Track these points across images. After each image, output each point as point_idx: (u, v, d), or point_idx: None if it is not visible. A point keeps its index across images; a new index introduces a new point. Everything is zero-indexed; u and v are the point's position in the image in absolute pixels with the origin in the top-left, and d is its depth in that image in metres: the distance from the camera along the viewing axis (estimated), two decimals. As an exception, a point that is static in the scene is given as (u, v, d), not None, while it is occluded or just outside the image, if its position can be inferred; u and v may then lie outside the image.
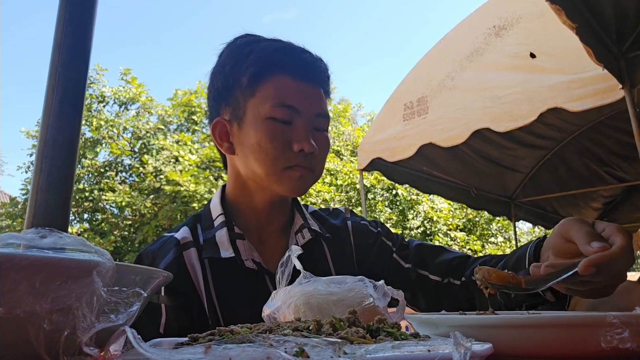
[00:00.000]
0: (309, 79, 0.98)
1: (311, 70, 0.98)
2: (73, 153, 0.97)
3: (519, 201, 5.80)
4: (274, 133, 0.92)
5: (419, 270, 1.05)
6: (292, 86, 0.95)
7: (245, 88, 0.95)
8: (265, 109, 0.93)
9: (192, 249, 0.96)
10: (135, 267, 0.40)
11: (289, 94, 0.94)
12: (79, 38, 1.01)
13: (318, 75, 1.00)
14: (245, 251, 0.96)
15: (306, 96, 0.96)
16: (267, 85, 0.94)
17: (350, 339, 0.39)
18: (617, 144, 5.08)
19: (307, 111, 0.95)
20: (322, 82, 1.01)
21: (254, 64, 0.94)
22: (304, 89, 0.96)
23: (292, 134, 0.93)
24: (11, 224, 11.75)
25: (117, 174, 12.62)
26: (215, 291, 0.93)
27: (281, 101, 0.93)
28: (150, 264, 0.95)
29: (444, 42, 4.05)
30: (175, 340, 0.45)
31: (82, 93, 1.00)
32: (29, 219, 0.92)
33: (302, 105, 0.95)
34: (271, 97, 0.93)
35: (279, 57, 0.96)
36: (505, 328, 0.45)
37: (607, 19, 2.57)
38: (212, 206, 1.04)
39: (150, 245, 1.01)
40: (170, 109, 13.16)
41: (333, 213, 1.18)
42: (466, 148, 4.23)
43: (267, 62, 0.95)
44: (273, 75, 0.94)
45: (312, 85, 0.98)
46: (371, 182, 11.76)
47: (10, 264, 0.30)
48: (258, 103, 0.94)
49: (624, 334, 0.40)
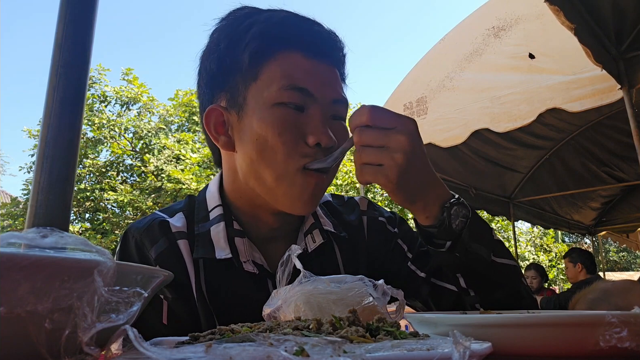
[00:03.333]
0: (324, 57, 0.80)
1: (326, 45, 0.81)
2: (74, 153, 0.97)
3: (517, 201, 5.80)
4: (283, 123, 0.75)
5: (435, 281, 0.87)
6: (305, 64, 0.77)
7: (246, 69, 0.78)
8: (271, 94, 0.75)
9: (185, 241, 0.83)
10: (136, 266, 0.40)
11: (301, 73, 0.77)
12: (80, 38, 1.01)
13: (334, 52, 0.83)
14: (246, 251, 0.82)
15: (322, 77, 0.79)
16: (273, 64, 0.77)
17: (350, 338, 0.39)
18: (615, 144, 5.09)
19: (324, 96, 0.78)
20: (339, 61, 0.84)
21: (256, 39, 0.77)
22: (318, 68, 0.79)
23: (306, 123, 0.76)
24: (13, 224, 11.75)
25: (119, 173, 12.62)
26: (208, 296, 0.80)
27: (291, 82, 0.76)
28: (137, 244, 0.83)
29: (443, 42, 4.05)
30: (175, 339, 0.45)
31: (82, 93, 1.00)
32: (30, 218, 0.92)
33: (317, 88, 0.77)
34: (279, 79, 0.76)
35: (286, 29, 0.78)
36: (504, 327, 0.46)
37: (605, 19, 2.57)
38: (209, 195, 0.88)
39: (138, 222, 0.87)
40: (171, 109, 13.17)
41: (348, 204, 1.02)
42: (465, 148, 4.24)
43: (272, 36, 0.77)
44: (280, 52, 0.77)
45: (328, 65, 0.81)
46: (371, 182, 11.74)
47: (11, 263, 0.30)
48: (262, 87, 0.76)
49: (622, 333, 0.41)
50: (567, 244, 17.61)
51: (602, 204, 7.08)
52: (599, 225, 7.56)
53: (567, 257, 4.91)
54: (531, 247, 15.52)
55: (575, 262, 4.71)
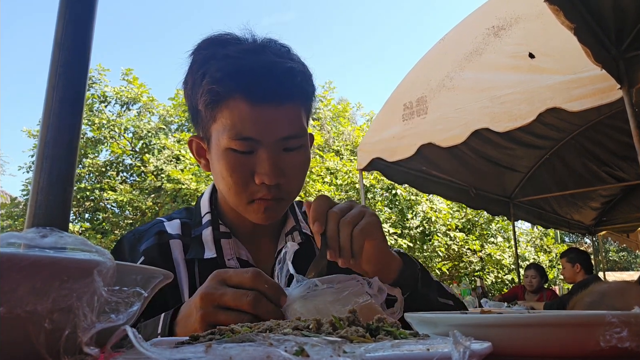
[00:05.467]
0: (272, 99, 0.85)
1: (276, 88, 0.85)
2: (73, 153, 0.97)
3: (517, 201, 5.81)
4: (233, 166, 0.85)
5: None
6: (249, 113, 0.83)
7: (205, 112, 0.87)
8: (224, 140, 0.85)
9: (177, 241, 0.94)
10: (136, 266, 0.40)
11: (246, 123, 0.84)
12: (79, 38, 1.01)
13: (286, 92, 0.86)
14: (231, 249, 0.94)
15: (267, 122, 0.85)
16: (225, 111, 0.85)
17: (349, 338, 0.39)
18: (615, 143, 5.09)
19: (270, 138, 0.85)
20: (293, 97, 0.88)
21: (209, 90, 0.85)
22: (264, 114, 0.84)
23: (254, 164, 0.85)
24: (13, 224, 11.76)
25: (118, 173, 12.62)
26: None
27: (238, 133, 0.84)
28: (130, 241, 0.95)
29: (443, 42, 4.06)
30: (175, 339, 0.45)
31: (82, 93, 1.00)
32: (29, 218, 0.93)
33: (262, 134, 0.84)
34: (228, 128, 0.84)
35: (233, 78, 0.84)
36: (504, 327, 0.46)
37: (605, 19, 2.57)
38: (202, 202, 1.01)
39: (141, 226, 1.00)
40: (171, 109, 13.16)
41: None
42: (465, 148, 4.24)
43: (221, 86, 0.84)
44: (228, 100, 0.84)
45: (277, 106, 0.85)
46: (371, 181, 11.76)
47: (11, 263, 0.30)
48: (219, 129, 0.86)
49: (622, 333, 0.41)
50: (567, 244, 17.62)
51: (602, 203, 7.08)
52: (599, 225, 7.56)
53: (564, 257, 4.88)
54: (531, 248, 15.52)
55: (574, 262, 4.70)
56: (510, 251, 13.43)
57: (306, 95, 0.92)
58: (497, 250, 13.39)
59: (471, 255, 13.23)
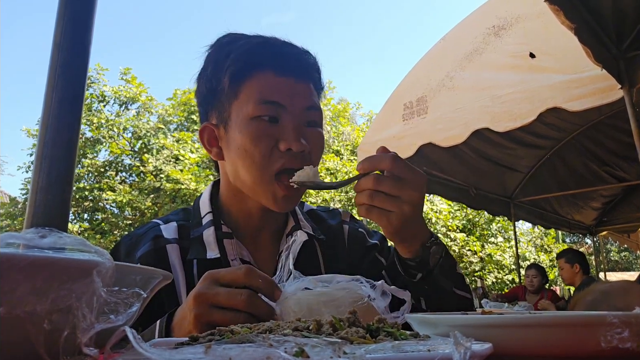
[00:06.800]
0: (294, 73, 0.91)
1: (296, 63, 0.92)
2: (72, 153, 0.97)
3: (518, 201, 5.80)
4: (258, 134, 0.87)
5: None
6: (276, 81, 0.89)
7: (228, 90, 0.91)
8: (248, 109, 0.88)
9: (175, 245, 0.93)
10: (135, 267, 0.40)
11: (273, 89, 0.89)
12: (78, 38, 1.01)
13: (304, 68, 0.94)
14: (233, 250, 0.93)
15: (292, 90, 0.90)
16: (249, 84, 0.89)
17: (350, 339, 0.39)
18: (616, 143, 5.08)
19: (295, 106, 0.90)
20: (310, 75, 0.95)
21: (234, 64, 0.90)
22: (289, 83, 0.90)
23: (279, 132, 0.88)
24: (11, 224, 11.76)
25: (117, 173, 12.63)
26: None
27: (264, 98, 0.88)
28: (128, 248, 0.94)
29: (444, 42, 4.05)
30: (175, 340, 0.45)
31: (81, 93, 1.00)
32: (28, 218, 0.93)
33: (288, 99, 0.89)
34: (254, 96, 0.88)
35: (258, 53, 0.90)
36: (505, 328, 0.45)
37: (605, 19, 2.57)
38: (202, 203, 1.00)
39: (138, 229, 0.98)
40: (170, 108, 13.17)
41: (331, 212, 1.14)
42: (466, 148, 4.23)
43: (247, 59, 0.89)
44: (254, 73, 0.89)
45: (298, 79, 0.92)
46: (371, 182, 11.72)
47: (10, 264, 0.30)
48: (242, 104, 0.89)
49: (623, 333, 0.40)
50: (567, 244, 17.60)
51: (603, 203, 7.07)
52: (600, 225, 7.55)
53: (562, 257, 4.87)
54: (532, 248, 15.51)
55: (573, 262, 4.69)
56: (510, 251, 13.43)
57: (319, 78, 0.99)
58: (498, 251, 13.39)
59: (471, 255, 13.22)
